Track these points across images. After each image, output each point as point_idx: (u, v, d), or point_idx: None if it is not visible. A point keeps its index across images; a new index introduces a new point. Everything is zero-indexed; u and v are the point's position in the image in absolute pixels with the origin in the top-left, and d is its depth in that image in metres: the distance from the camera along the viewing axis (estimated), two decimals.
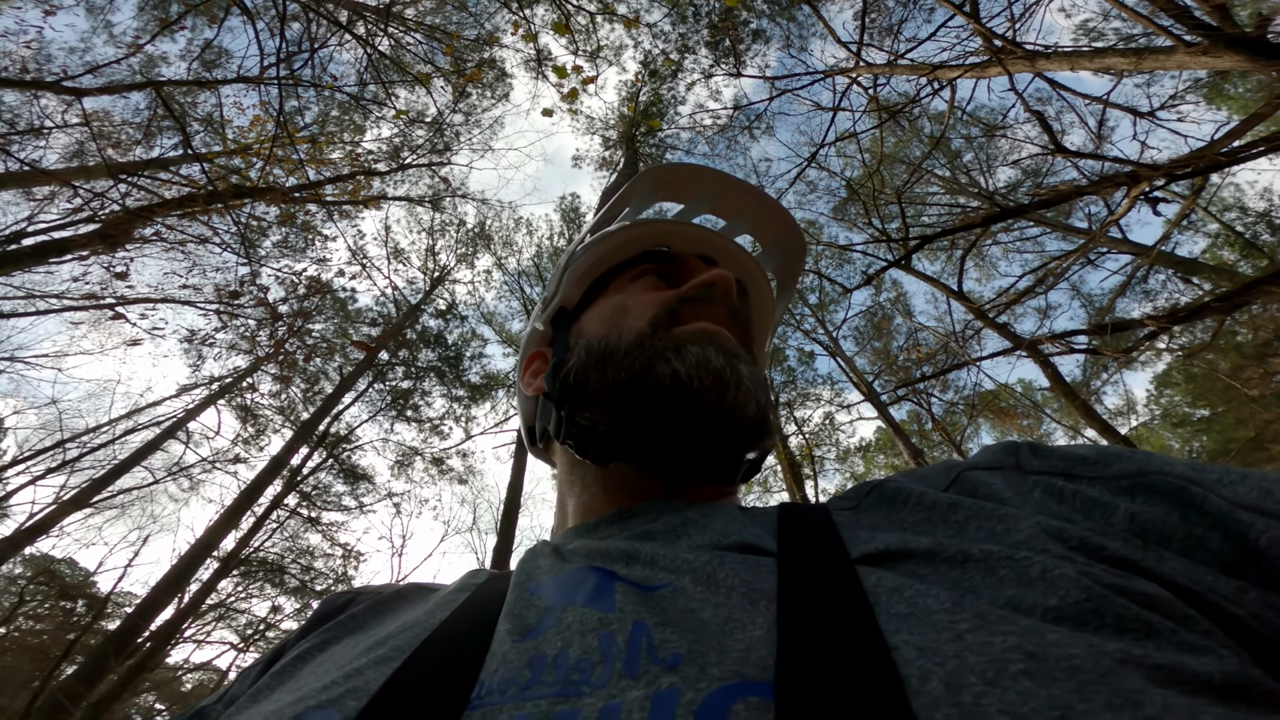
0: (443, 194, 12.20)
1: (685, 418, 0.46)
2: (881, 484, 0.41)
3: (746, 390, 0.46)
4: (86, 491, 10.94)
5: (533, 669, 0.28)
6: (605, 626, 0.29)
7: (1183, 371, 10.15)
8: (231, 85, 8.45)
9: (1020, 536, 0.30)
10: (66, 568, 15.22)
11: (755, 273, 0.64)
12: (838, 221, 12.16)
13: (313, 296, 11.67)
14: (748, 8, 8.20)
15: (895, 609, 0.26)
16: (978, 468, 0.39)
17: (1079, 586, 0.25)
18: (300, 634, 0.46)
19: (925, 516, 0.35)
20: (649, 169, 0.69)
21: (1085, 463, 0.35)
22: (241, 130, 8.96)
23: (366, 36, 7.21)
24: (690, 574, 0.33)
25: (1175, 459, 0.34)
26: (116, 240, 7.98)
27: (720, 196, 0.68)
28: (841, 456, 13.99)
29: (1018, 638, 0.23)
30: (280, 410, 12.47)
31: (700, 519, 0.41)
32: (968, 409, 11.93)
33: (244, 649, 16.09)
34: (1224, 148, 3.78)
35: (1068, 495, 0.33)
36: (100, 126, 9.70)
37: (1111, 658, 0.21)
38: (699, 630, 0.28)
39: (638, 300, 0.55)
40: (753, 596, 0.30)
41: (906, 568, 0.30)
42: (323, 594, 16.12)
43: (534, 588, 0.37)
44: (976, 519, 0.33)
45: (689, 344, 0.47)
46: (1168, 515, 0.30)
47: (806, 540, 0.35)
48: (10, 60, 8.92)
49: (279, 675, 0.39)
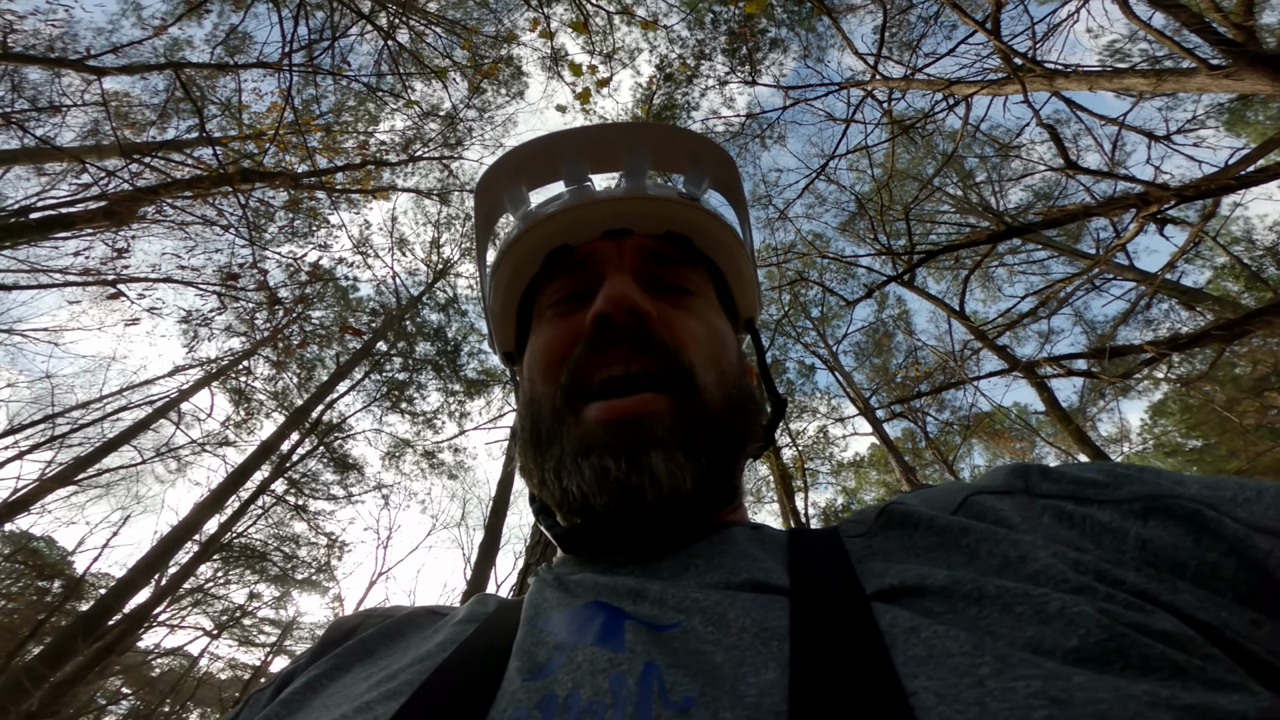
0: (451, 188, 12.22)
1: (616, 527, 0.43)
2: (890, 507, 0.40)
3: (671, 475, 0.40)
4: (72, 468, 10.83)
5: (543, 710, 0.28)
6: (616, 667, 0.29)
7: (1179, 401, 10.24)
8: (252, 70, 8.46)
9: (1036, 567, 0.29)
10: (45, 546, 15.02)
11: (683, 213, 0.55)
12: (844, 235, 12.26)
13: (314, 283, 11.64)
14: (768, 15, 8.28)
15: (913, 651, 0.25)
16: (986, 491, 0.38)
17: (1099, 625, 0.24)
18: (310, 658, 0.45)
19: (937, 542, 0.35)
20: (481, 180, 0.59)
21: (1095, 485, 0.35)
22: (258, 116, 8.97)
23: (387, 28, 7.24)
24: (700, 614, 0.32)
25: (1188, 477, 0.33)
26: (121, 218, 7.96)
27: (589, 153, 0.57)
28: (834, 470, 14.01)
29: (1041, 682, 0.22)
30: (274, 395, 12.40)
31: (708, 552, 0.40)
32: (962, 429, 11.98)
33: (217, 635, 15.91)
34: (1237, 172, 3.83)
35: (1077, 520, 0.33)
36: (118, 106, 9.72)
37: (1139, 700, 0.21)
38: (711, 673, 0.27)
39: (546, 348, 0.50)
40: (765, 638, 0.29)
41: (923, 605, 0.29)
42: (304, 583, 15.98)
43: (543, 624, 0.36)
44: (987, 544, 0.32)
45: (588, 453, 0.42)
46: (1180, 540, 0.29)
47: (819, 575, 0.34)
48: (37, 39, 8.94)
49: (287, 704, 0.39)
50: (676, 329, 0.48)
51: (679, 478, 0.41)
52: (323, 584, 16.36)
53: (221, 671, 18.59)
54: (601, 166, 0.58)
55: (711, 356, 0.48)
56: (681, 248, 0.55)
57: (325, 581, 16.27)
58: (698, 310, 0.51)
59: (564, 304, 0.53)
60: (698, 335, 0.48)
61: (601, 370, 0.45)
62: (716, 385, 0.46)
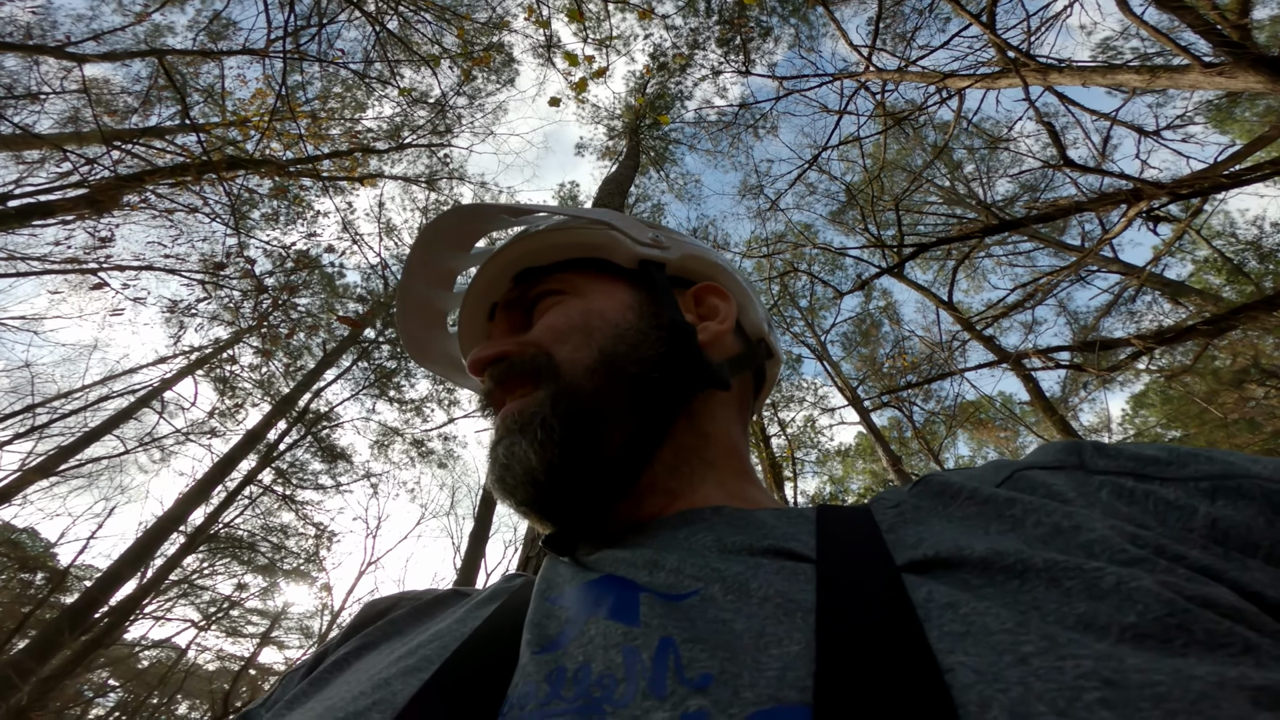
0: (440, 175, 12.09)
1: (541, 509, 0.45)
2: (929, 478, 0.39)
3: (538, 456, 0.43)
4: (54, 459, 10.69)
5: (551, 683, 0.27)
6: (630, 641, 0.28)
7: (1160, 393, 10.42)
8: (236, 57, 8.31)
9: (1091, 537, 0.27)
10: (28, 538, 14.81)
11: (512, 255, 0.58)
12: (834, 225, 12.30)
13: (300, 271, 11.50)
14: (761, 5, 8.24)
15: (949, 627, 0.24)
16: (1036, 466, 0.36)
17: (1160, 600, 0.22)
18: (342, 638, 0.46)
19: (977, 511, 0.33)
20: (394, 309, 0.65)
21: (1158, 463, 0.33)
22: (242, 103, 8.81)
23: (376, 14, 7.12)
24: (720, 582, 0.31)
25: (1264, 459, 0.32)
26: (103, 206, 7.82)
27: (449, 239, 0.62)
28: (821, 459, 14.13)
29: (1092, 662, 0.20)
30: (260, 384, 12.27)
31: (732, 520, 0.40)
32: (947, 419, 12.12)
33: (205, 627, 15.82)
34: (1227, 170, 3.89)
35: (1139, 497, 0.31)
36: (99, 94, 9.49)
37: (1204, 681, 0.19)
38: (731, 647, 0.26)
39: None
40: (788, 608, 0.28)
41: (959, 578, 0.27)
42: (292, 574, 15.90)
43: (554, 598, 0.35)
44: (1035, 514, 0.31)
45: (491, 451, 0.48)
46: (1253, 520, 0.27)
47: (847, 545, 0.33)
48: (15, 26, 8.70)
49: (316, 682, 0.40)
50: (539, 333, 0.52)
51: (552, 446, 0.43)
52: (311, 574, 16.30)
53: (210, 663, 18.52)
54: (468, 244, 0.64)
55: (566, 330, 0.51)
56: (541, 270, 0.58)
57: (314, 571, 16.21)
58: (565, 302, 0.54)
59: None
60: (553, 325, 0.52)
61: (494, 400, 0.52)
62: (578, 348, 0.49)
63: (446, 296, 0.65)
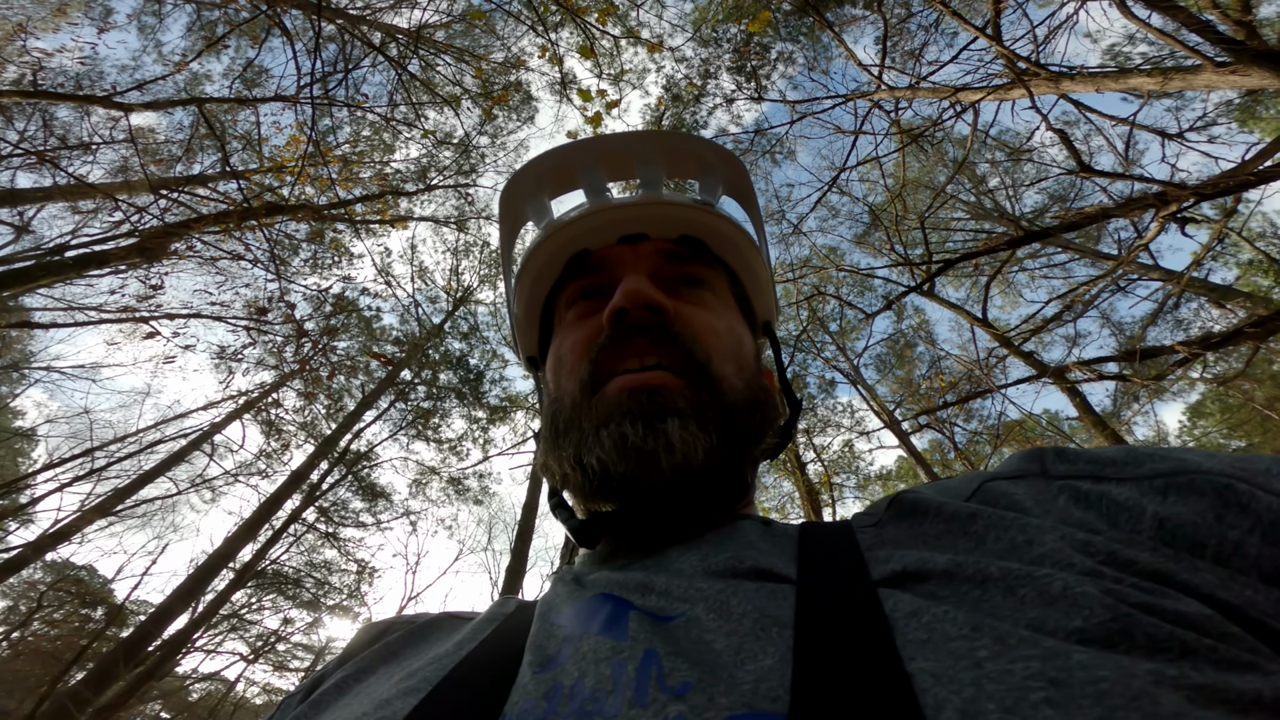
0: (468, 215, 12.42)
1: (630, 499, 0.44)
2: (901, 496, 0.40)
3: (685, 443, 0.41)
4: (111, 500, 11.12)
5: (549, 700, 0.28)
6: (617, 654, 0.29)
7: (1217, 401, 9.86)
8: (270, 104, 8.76)
9: (1042, 550, 0.29)
10: (86, 574, 15.43)
11: (697, 217, 0.56)
12: (860, 247, 12.13)
13: (338, 314, 11.89)
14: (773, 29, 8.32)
15: (913, 634, 0.25)
16: (1001, 477, 0.38)
17: (1103, 606, 0.23)
18: (339, 662, 0.47)
19: (945, 529, 0.35)
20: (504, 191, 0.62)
21: (1114, 464, 0.34)
22: (278, 149, 9.26)
23: (398, 58, 7.44)
24: (703, 603, 0.33)
25: (1219, 454, 0.32)
26: (154, 254, 8.21)
27: (606, 163, 0.60)
28: (861, 485, 13.75)
29: (1039, 663, 0.22)
30: (303, 426, 12.64)
31: (716, 541, 0.41)
32: (991, 438, 11.68)
33: (253, 660, 16.10)
34: (1255, 168, 3.72)
35: (1093, 499, 0.32)
36: (145, 143, 10.07)
37: (1144, 679, 0.20)
38: (710, 660, 0.27)
39: (567, 349, 0.52)
40: (765, 624, 0.29)
41: (926, 589, 0.29)
42: (335, 609, 16.13)
43: (555, 618, 0.37)
44: (995, 529, 0.32)
45: (608, 423, 0.43)
46: (1200, 518, 0.28)
47: (826, 563, 0.34)
48: (65, 76, 9.32)
49: (315, 705, 0.40)
50: (693, 322, 0.49)
51: (691, 445, 0.41)
52: (354, 609, 16.50)
53: (257, 696, 18.81)
54: (618, 175, 0.61)
55: (728, 350, 0.49)
56: (697, 250, 0.57)
57: (356, 606, 16.41)
58: (714, 306, 0.53)
59: (583, 304, 0.55)
60: (715, 328, 0.50)
61: (619, 364, 0.47)
62: (735, 375, 0.48)
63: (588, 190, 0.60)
